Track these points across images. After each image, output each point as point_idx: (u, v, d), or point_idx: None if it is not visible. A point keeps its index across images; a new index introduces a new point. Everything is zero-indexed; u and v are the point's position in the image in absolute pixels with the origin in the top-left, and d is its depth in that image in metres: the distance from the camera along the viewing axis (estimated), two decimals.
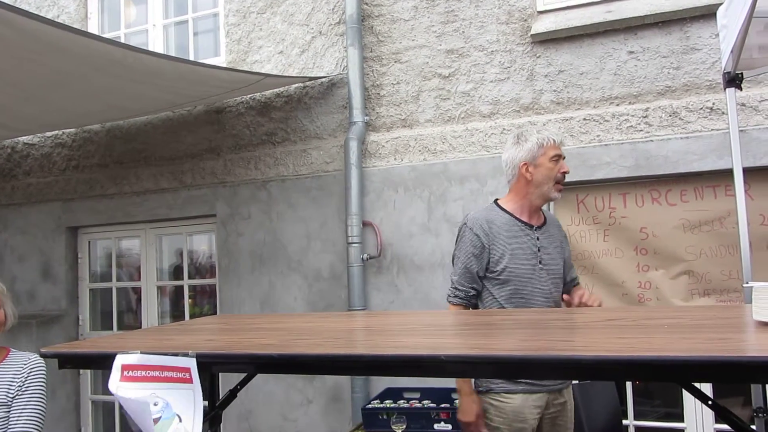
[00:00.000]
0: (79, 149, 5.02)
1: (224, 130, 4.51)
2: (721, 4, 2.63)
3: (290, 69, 4.29)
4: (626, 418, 3.48)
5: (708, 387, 3.11)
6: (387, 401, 3.45)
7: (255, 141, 4.42)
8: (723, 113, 3.24)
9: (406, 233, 3.90)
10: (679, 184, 3.42)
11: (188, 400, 1.23)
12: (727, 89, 2.63)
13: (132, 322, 5.04)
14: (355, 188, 3.92)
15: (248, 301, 4.30)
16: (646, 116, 3.46)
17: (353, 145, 3.93)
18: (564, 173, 2.48)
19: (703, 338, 1.23)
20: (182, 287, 4.80)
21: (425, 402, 3.38)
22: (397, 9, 4.03)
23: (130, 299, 5.13)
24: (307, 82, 4.22)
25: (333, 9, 4.19)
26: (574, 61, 3.63)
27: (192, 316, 4.69)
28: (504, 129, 3.72)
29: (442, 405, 3.25)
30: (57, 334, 4.83)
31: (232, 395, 1.61)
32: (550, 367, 1.13)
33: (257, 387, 4.13)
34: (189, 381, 1.24)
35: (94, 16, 5.10)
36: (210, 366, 1.32)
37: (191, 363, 1.25)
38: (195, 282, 4.83)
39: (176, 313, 4.89)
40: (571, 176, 3.44)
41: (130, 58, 3.16)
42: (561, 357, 1.07)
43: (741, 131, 2.85)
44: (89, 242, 5.13)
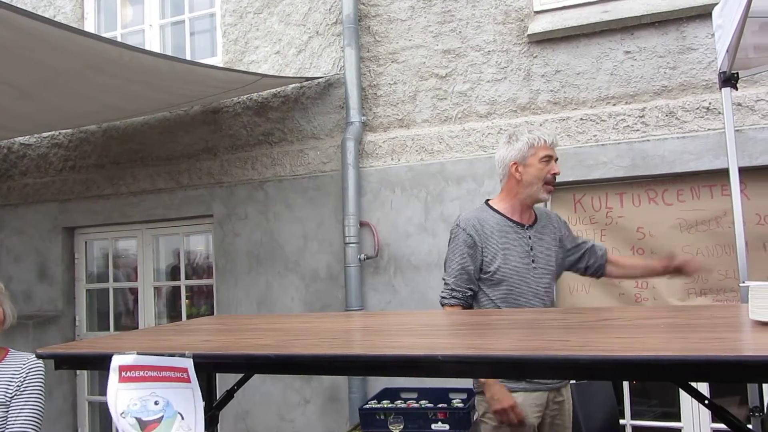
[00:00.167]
0: (76, 149, 5.00)
1: (221, 131, 4.50)
2: (716, 4, 2.64)
3: (287, 69, 4.28)
4: (623, 418, 3.49)
5: (705, 386, 3.11)
6: (384, 401, 3.45)
7: (252, 141, 4.41)
8: (719, 113, 3.24)
9: (403, 233, 3.90)
10: (676, 183, 3.43)
11: (188, 399, 1.23)
12: (722, 89, 2.64)
13: (129, 322, 5.03)
14: (352, 188, 3.92)
15: (245, 301, 4.29)
16: (642, 116, 3.47)
17: (350, 145, 3.93)
18: (554, 174, 2.45)
19: (700, 338, 1.23)
20: (179, 288, 4.79)
21: (422, 402, 3.38)
22: (394, 9, 4.03)
23: (127, 300, 5.12)
24: (304, 83, 4.21)
25: (330, 9, 4.19)
26: (571, 61, 3.63)
27: (189, 317, 4.68)
28: (501, 129, 3.72)
29: (440, 405, 3.25)
30: (54, 335, 4.82)
31: (229, 395, 1.61)
32: (546, 367, 1.13)
33: (254, 387, 4.13)
34: (187, 380, 1.24)
35: (90, 16, 5.08)
36: (207, 366, 1.32)
37: (188, 363, 1.25)
38: (192, 282, 4.82)
39: (173, 314, 4.88)
40: (568, 176, 3.48)
41: (126, 57, 3.16)
42: (558, 357, 1.07)
43: (737, 131, 2.85)
44: (86, 243, 5.11)
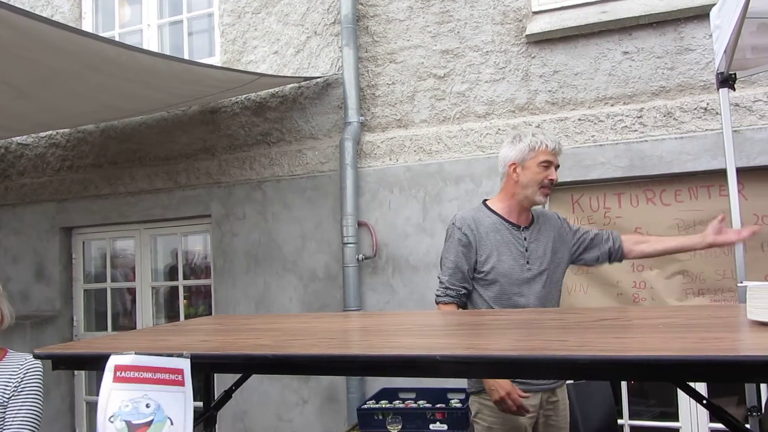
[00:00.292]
0: (74, 149, 5.00)
1: (219, 131, 4.50)
2: (714, 5, 2.64)
3: (285, 69, 4.28)
4: (621, 418, 3.49)
5: (703, 386, 3.11)
6: (382, 401, 3.45)
7: (250, 141, 4.41)
8: (717, 113, 3.25)
9: (402, 233, 3.90)
10: (674, 184, 3.43)
11: (179, 403, 1.23)
12: (720, 89, 2.64)
13: (127, 323, 5.02)
14: (350, 188, 3.91)
15: (243, 301, 4.29)
16: (640, 116, 3.47)
17: (348, 146, 3.93)
18: (551, 180, 2.43)
19: (698, 338, 1.23)
20: (177, 288, 4.78)
21: (421, 402, 3.38)
22: (392, 9, 4.03)
23: (125, 300, 5.11)
24: (302, 83, 4.21)
25: (328, 9, 4.19)
26: (569, 62, 3.63)
27: (187, 317, 4.67)
28: (499, 129, 3.72)
29: (438, 405, 3.25)
30: (51, 335, 4.81)
31: (227, 396, 1.61)
32: (545, 367, 1.13)
33: (252, 387, 4.12)
34: (181, 384, 1.23)
35: (88, 15, 5.08)
36: (205, 367, 1.31)
37: (186, 364, 1.25)
38: (190, 282, 4.82)
39: (171, 314, 4.88)
40: (566, 176, 3.48)
41: (124, 56, 3.15)
42: (556, 357, 1.07)
43: (734, 131, 2.86)
44: (83, 243, 5.11)
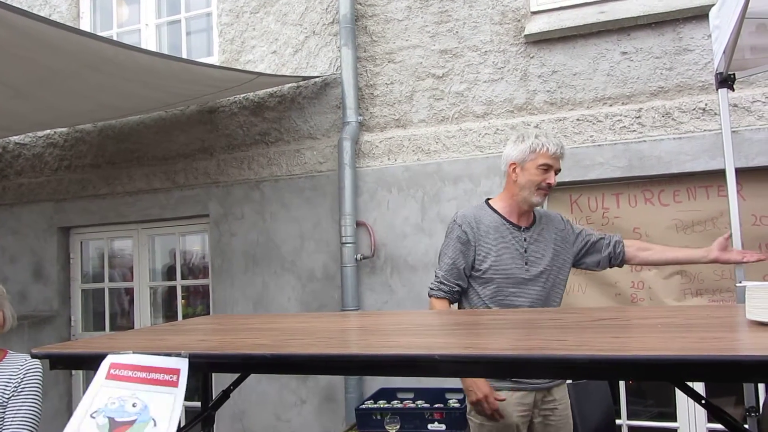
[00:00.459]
0: (71, 149, 4.99)
1: (217, 130, 4.49)
2: (713, 5, 2.64)
3: (283, 69, 4.28)
4: (619, 418, 3.49)
5: (701, 386, 3.12)
6: (381, 401, 3.45)
7: (248, 141, 4.40)
8: (715, 114, 3.25)
9: (400, 233, 3.90)
10: (672, 184, 3.43)
11: (168, 405, 1.22)
12: (719, 90, 2.64)
13: (124, 322, 5.02)
14: (348, 188, 3.91)
15: (241, 301, 4.28)
16: (639, 117, 3.47)
17: (347, 145, 3.93)
18: (548, 184, 2.43)
19: (696, 337, 1.23)
20: (175, 287, 4.78)
21: (419, 402, 3.38)
22: (391, 9, 4.03)
23: (123, 300, 5.10)
24: (301, 82, 4.20)
25: (326, 9, 4.18)
26: (568, 62, 3.63)
27: (185, 317, 4.67)
28: (497, 129, 3.72)
29: (436, 405, 3.25)
30: (49, 335, 4.80)
31: (225, 395, 1.60)
32: (544, 367, 1.13)
33: (250, 387, 4.12)
34: (174, 384, 1.22)
35: (86, 15, 5.07)
36: (203, 366, 1.31)
37: (184, 363, 1.24)
38: (188, 282, 4.81)
39: (169, 314, 4.87)
40: (565, 176, 3.46)
41: (122, 55, 3.14)
42: (555, 357, 1.07)
43: (733, 132, 2.86)
44: (81, 242, 5.10)
